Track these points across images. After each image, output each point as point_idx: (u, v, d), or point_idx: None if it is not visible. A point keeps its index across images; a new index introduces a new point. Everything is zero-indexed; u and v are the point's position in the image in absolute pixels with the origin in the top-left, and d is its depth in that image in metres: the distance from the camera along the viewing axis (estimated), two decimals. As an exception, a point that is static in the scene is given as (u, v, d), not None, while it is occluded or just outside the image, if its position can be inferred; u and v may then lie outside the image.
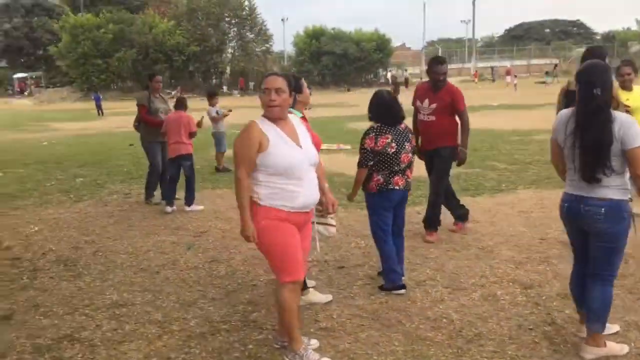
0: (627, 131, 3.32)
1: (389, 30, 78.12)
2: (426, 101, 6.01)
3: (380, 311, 4.35)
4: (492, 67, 62.16)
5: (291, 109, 3.96)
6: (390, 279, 4.74)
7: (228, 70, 58.87)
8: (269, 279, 5.13)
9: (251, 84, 54.48)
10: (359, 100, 36.42)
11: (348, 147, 13.31)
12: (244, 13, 56.18)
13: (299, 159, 3.49)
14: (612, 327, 3.79)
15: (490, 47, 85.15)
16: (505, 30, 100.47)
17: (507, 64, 68.67)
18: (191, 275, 5.31)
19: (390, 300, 4.55)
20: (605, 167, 3.38)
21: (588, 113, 3.42)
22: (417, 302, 4.50)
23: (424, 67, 66.70)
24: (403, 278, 4.81)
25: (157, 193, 8.55)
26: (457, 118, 6.06)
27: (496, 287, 4.74)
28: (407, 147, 4.75)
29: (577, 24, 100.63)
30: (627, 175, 3.44)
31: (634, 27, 73.03)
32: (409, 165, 4.81)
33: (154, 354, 3.83)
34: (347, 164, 9.99)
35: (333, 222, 4.35)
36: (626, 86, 6.27)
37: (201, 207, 7.87)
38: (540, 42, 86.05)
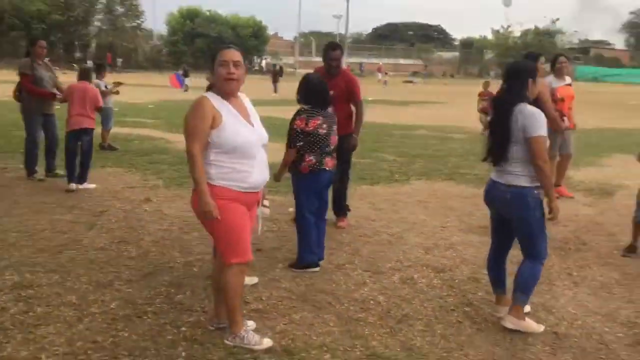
0: (527, 121, 3.67)
1: (262, 18, 77.89)
2: None
3: (308, 294, 4.39)
4: (360, 64, 64.29)
5: None
6: (306, 258, 4.80)
7: (93, 44, 55.60)
8: (186, 261, 4.98)
9: (119, 61, 51.87)
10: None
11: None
12: (113, -16, 53.34)
13: (252, 138, 3.42)
14: (525, 307, 4.12)
15: (358, 43, 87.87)
16: (373, 29, 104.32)
17: (376, 61, 71.42)
18: (100, 256, 5.00)
19: (316, 283, 4.60)
20: (504, 153, 3.76)
21: (497, 103, 3.93)
22: (342, 285, 4.58)
23: (299, 58, 67.16)
24: (321, 262, 4.89)
25: (40, 169, 7.92)
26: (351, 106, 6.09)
27: (412, 270, 4.95)
28: (334, 129, 4.84)
29: (438, 29, 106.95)
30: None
31: (490, 36, 78.81)
32: (335, 148, 4.89)
33: (78, 337, 3.57)
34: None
35: (267, 203, 4.31)
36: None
37: (93, 186, 7.40)
38: (405, 43, 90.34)
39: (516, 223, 3.87)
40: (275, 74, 34.25)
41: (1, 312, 3.85)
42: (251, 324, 3.74)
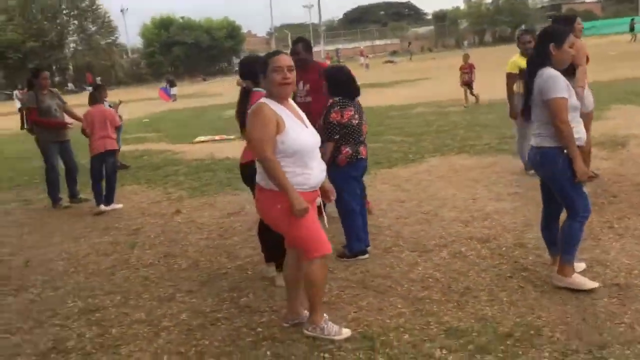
0: (544, 84, 3.79)
1: (234, 18, 77.56)
2: (300, 83, 5.78)
3: (366, 280, 4.49)
4: (337, 50, 64.22)
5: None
6: (355, 247, 4.91)
7: (71, 66, 55.25)
8: (236, 265, 5.07)
9: (98, 79, 51.57)
10: (219, 89, 36.04)
11: (232, 137, 12.99)
12: (84, 4, 52.84)
13: (311, 140, 3.51)
14: (579, 266, 4.24)
15: (332, 30, 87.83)
16: (344, 14, 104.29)
17: (352, 46, 71.44)
18: (152, 272, 5.08)
19: (370, 269, 4.70)
20: (529, 113, 3.97)
21: (526, 68, 4.09)
22: (396, 268, 4.69)
23: (278, 52, 67.62)
24: (369, 247, 5.00)
25: (63, 196, 7.97)
26: None
27: (458, 245, 5.06)
28: (364, 118, 4.95)
29: (408, 6, 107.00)
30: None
31: (462, 7, 78.88)
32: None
33: (161, 351, 3.67)
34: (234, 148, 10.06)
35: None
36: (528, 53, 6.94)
37: (120, 205, 7.46)
38: (377, 24, 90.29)
39: (550, 183, 4.00)
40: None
41: (79, 338, 3.93)
42: (325, 316, 3.84)
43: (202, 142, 13.03)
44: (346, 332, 3.64)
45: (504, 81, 7.33)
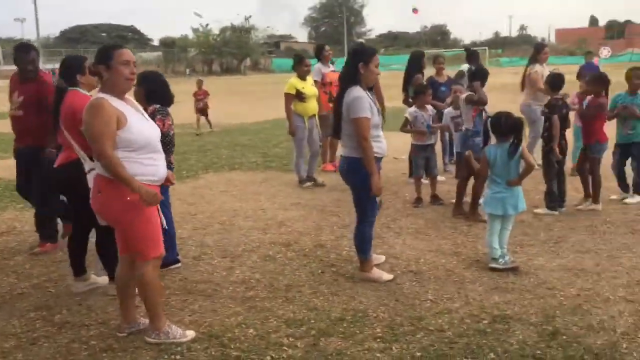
0: (350, 103, 4.29)
1: None
2: (16, 94, 5.31)
3: (189, 286, 4.50)
4: (53, 69, 59.88)
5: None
6: (167, 257, 4.86)
7: None
8: (32, 284, 4.60)
9: None
10: None
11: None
12: None
13: (155, 132, 3.51)
14: (379, 258, 4.87)
15: (47, 48, 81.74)
16: (61, 32, 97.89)
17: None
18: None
19: (187, 276, 4.71)
20: (338, 130, 4.47)
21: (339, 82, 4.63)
22: (213, 273, 4.77)
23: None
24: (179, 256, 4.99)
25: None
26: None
27: (264, 249, 5.33)
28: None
29: (132, 30, 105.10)
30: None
31: (191, 35, 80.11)
32: None
33: None
34: None
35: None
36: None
37: None
38: (99, 45, 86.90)
39: (351, 189, 4.55)
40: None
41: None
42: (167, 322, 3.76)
43: None
44: (190, 334, 3.64)
45: (236, 107, 7.86)
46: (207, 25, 75.32)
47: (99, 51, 3.40)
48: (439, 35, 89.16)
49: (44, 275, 4.80)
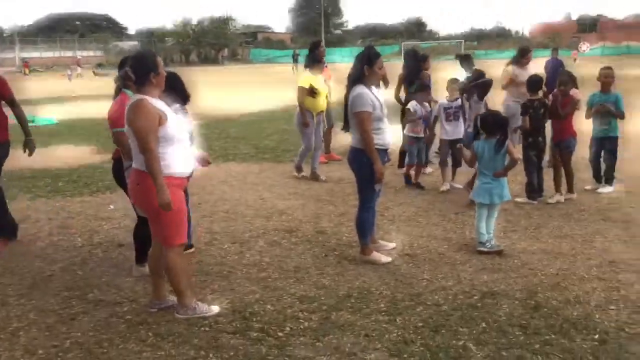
0: (353, 99, 4.79)
1: None
2: None
3: (205, 269, 4.91)
4: (23, 59, 59.03)
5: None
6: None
7: None
8: (59, 268, 4.97)
9: None
10: None
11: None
12: None
13: (188, 128, 3.90)
14: (389, 244, 5.33)
15: (25, 37, 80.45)
16: (34, 21, 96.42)
17: (51, 54, 66.56)
18: None
19: (202, 259, 5.12)
20: (347, 123, 4.96)
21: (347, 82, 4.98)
22: (226, 257, 5.19)
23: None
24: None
25: None
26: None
27: (269, 235, 5.76)
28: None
29: (107, 19, 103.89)
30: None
31: (169, 26, 79.81)
32: None
33: (32, 346, 3.60)
34: None
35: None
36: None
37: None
38: (73, 34, 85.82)
39: (355, 176, 5.01)
40: None
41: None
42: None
43: None
44: (215, 309, 4.07)
45: (220, 99, 8.10)
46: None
47: (145, 60, 3.80)
48: (415, 27, 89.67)
49: (68, 259, 5.17)
